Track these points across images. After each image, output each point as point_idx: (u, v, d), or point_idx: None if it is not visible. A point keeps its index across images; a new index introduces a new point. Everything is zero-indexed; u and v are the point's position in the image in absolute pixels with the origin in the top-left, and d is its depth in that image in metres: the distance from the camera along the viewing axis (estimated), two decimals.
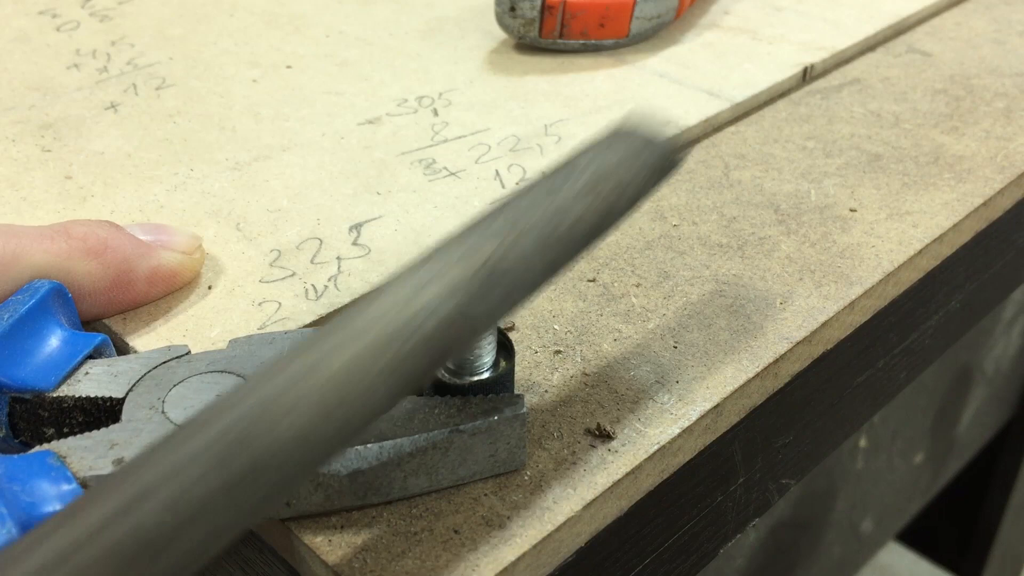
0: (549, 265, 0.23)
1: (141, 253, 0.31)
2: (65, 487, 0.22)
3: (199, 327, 0.31)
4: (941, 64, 0.48)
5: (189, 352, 0.27)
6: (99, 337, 0.28)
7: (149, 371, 0.26)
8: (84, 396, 0.26)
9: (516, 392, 0.27)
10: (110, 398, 0.26)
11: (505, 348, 0.27)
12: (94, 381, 0.26)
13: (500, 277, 0.22)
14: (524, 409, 0.26)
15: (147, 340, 0.30)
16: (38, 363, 0.27)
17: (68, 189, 0.38)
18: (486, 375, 0.26)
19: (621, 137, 0.25)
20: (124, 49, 0.48)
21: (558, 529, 0.25)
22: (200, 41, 0.49)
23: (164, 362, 0.27)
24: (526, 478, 0.26)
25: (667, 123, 0.26)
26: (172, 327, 0.31)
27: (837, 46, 0.48)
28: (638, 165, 0.24)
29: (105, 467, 0.23)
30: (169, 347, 0.27)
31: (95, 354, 0.28)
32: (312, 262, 0.34)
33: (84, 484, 0.23)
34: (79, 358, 0.27)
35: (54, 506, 0.22)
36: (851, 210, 0.37)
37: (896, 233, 0.36)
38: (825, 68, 0.47)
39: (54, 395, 0.26)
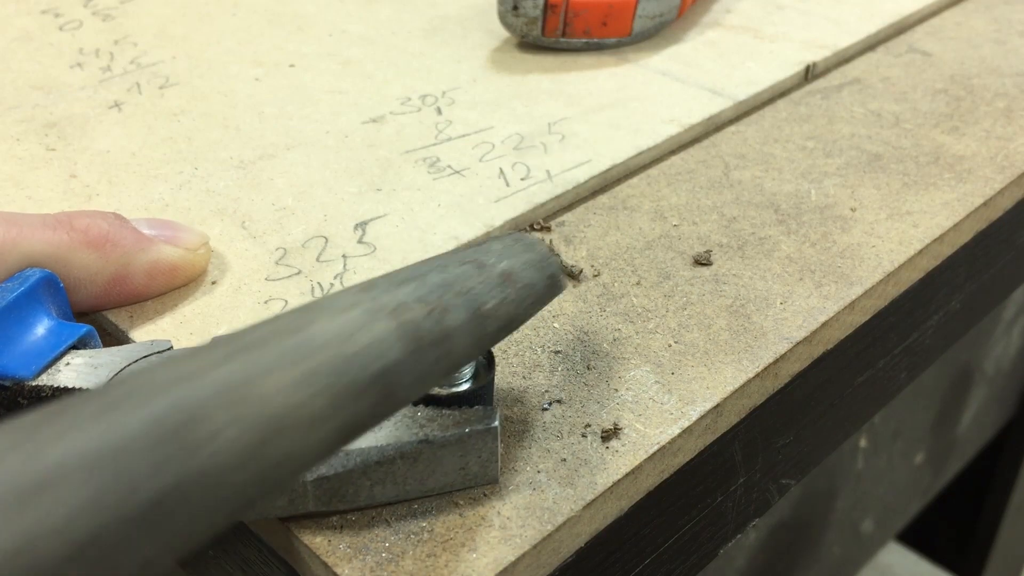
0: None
1: (141, 247, 0.31)
2: None
3: (205, 325, 0.31)
4: (941, 64, 0.48)
5: (171, 347, 0.27)
6: (84, 328, 0.28)
7: (128, 365, 0.26)
8: (61, 386, 0.26)
9: (495, 405, 0.27)
10: (87, 390, 0.26)
11: (486, 360, 0.26)
12: (74, 371, 0.26)
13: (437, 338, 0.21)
14: (496, 424, 0.25)
15: (152, 337, 0.31)
16: (21, 351, 0.27)
17: (73, 188, 0.38)
18: (464, 387, 0.26)
19: (523, 244, 0.25)
20: (127, 48, 0.49)
21: (558, 529, 0.25)
22: (203, 40, 0.49)
23: (145, 356, 0.27)
24: (526, 478, 0.26)
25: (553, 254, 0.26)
26: (178, 325, 0.31)
27: (839, 44, 0.48)
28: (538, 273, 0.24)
29: None
30: (152, 342, 0.27)
31: (79, 345, 0.28)
32: (318, 260, 0.34)
33: None
34: (62, 348, 0.27)
35: None
36: (851, 210, 0.37)
37: (896, 233, 0.36)
38: (827, 66, 0.48)
39: (33, 384, 0.26)
